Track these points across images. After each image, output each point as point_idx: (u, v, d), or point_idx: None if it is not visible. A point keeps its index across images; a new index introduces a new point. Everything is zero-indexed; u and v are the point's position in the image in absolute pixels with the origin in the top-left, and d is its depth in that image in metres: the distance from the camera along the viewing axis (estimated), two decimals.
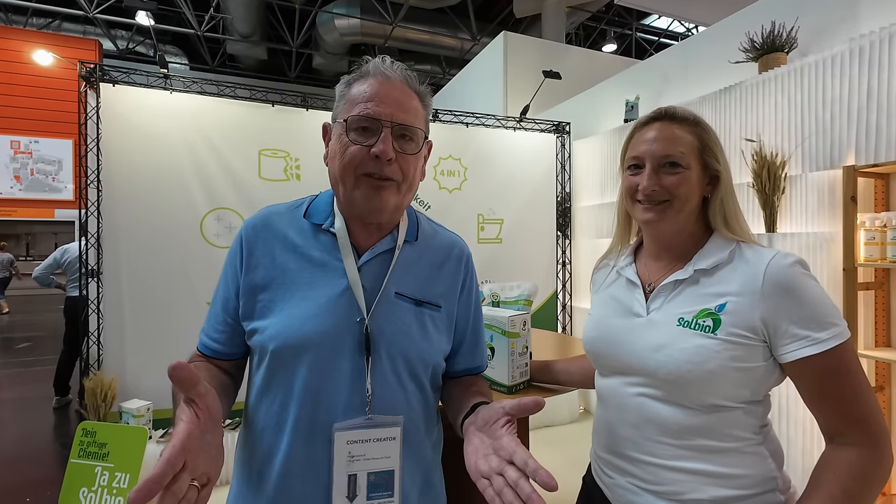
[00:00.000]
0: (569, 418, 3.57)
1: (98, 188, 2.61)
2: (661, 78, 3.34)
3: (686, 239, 0.84)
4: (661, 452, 0.77)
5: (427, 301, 0.81)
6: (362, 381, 0.73)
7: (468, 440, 0.67)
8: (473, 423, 0.69)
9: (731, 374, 0.72)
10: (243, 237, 0.80)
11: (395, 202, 0.76)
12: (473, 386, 0.86)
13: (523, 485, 0.55)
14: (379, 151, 0.71)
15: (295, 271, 0.77)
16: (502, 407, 0.65)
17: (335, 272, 0.77)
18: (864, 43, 1.92)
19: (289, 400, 0.73)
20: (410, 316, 0.79)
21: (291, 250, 0.78)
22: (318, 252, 0.78)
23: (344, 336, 0.73)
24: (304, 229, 0.80)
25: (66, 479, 2.21)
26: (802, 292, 0.70)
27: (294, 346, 0.72)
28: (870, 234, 1.87)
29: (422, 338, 0.79)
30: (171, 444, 0.51)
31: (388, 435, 0.72)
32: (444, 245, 0.88)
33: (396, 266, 0.80)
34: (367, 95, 0.73)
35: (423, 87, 0.80)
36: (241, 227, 0.83)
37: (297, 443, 0.72)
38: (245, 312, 0.77)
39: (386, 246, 0.80)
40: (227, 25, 9.61)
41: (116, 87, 2.64)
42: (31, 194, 8.78)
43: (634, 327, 0.83)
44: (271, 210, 0.84)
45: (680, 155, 0.80)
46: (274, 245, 0.79)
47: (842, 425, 0.69)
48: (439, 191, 3.49)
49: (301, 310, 0.74)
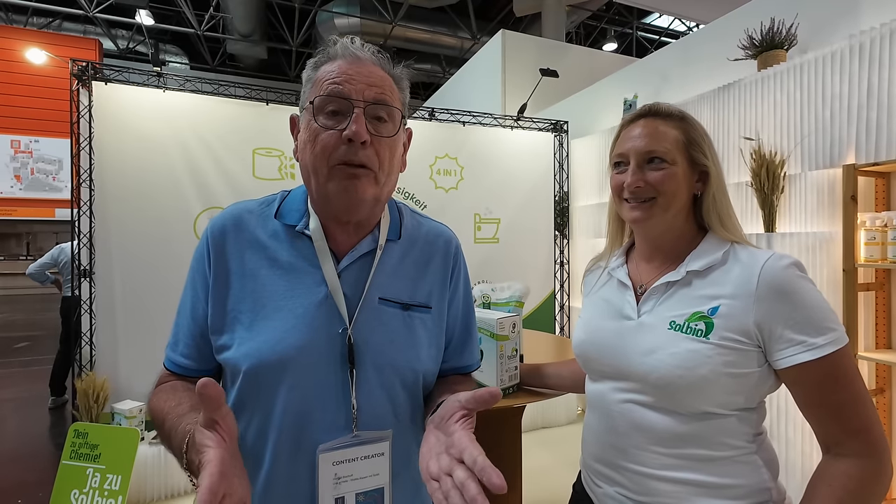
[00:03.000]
0: (566, 420, 3.54)
1: (91, 187, 2.59)
2: (659, 76, 3.31)
3: (677, 239, 0.81)
4: (650, 462, 0.74)
5: (415, 304, 0.75)
6: (347, 397, 0.67)
7: (424, 438, 0.61)
8: (432, 419, 0.63)
9: (724, 380, 0.69)
10: (209, 239, 0.72)
11: (374, 193, 0.68)
12: (457, 385, 0.79)
13: (470, 486, 0.49)
14: (351, 133, 0.64)
15: (267, 278, 0.70)
16: (458, 400, 0.59)
17: (312, 279, 0.70)
18: (864, 39, 1.89)
19: (267, 423, 0.67)
20: (397, 322, 0.73)
21: (263, 255, 0.71)
22: (293, 257, 0.71)
23: (325, 350, 0.68)
24: (277, 231, 0.73)
25: (57, 480, 2.19)
26: (798, 295, 0.67)
27: (271, 366, 0.66)
28: (870, 233, 1.84)
29: (410, 345, 0.73)
30: (209, 471, 0.47)
31: (376, 451, 0.68)
32: (430, 238, 0.81)
33: (379, 269, 0.74)
34: (334, 74, 0.66)
35: (399, 69, 0.73)
36: (206, 227, 0.74)
37: (279, 467, 0.67)
38: (213, 325, 0.70)
39: (367, 247, 0.73)
40: (227, 25, 9.60)
41: (109, 85, 2.62)
42: (31, 194, 8.79)
43: (625, 330, 0.81)
44: (241, 208, 0.75)
45: (664, 150, 0.77)
46: (244, 248, 0.72)
47: (840, 435, 0.66)
48: (435, 190, 3.46)
49: (276, 322, 0.67)
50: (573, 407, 3.61)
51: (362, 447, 0.67)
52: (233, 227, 0.73)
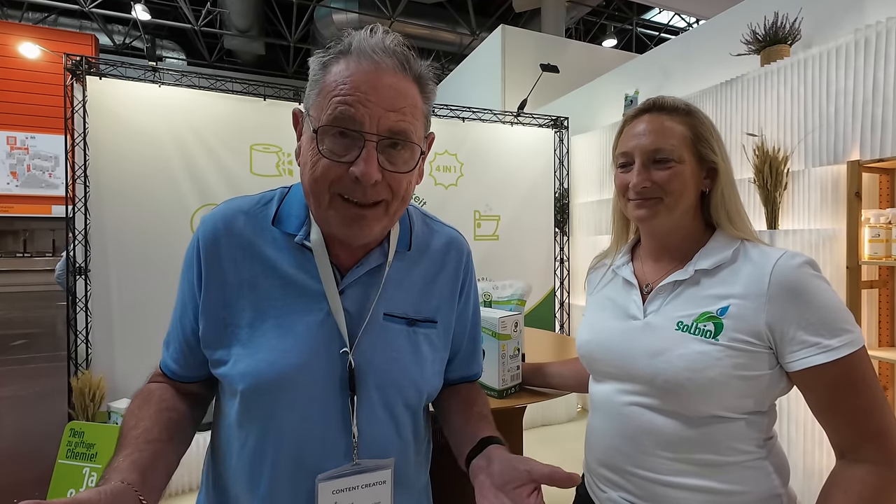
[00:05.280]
0: (566, 417, 3.53)
1: (85, 183, 2.56)
2: (661, 71, 3.28)
3: (685, 237, 0.79)
4: (656, 466, 0.72)
5: (421, 319, 0.70)
6: (348, 424, 0.63)
7: (481, 493, 0.59)
8: (487, 473, 0.61)
9: (734, 382, 0.67)
10: (200, 245, 0.65)
11: (384, 224, 0.63)
12: (474, 405, 0.76)
13: None
14: (359, 174, 0.56)
15: (266, 291, 0.64)
16: (528, 472, 0.56)
17: (313, 295, 0.64)
18: (869, 34, 1.86)
19: (265, 444, 0.63)
20: (402, 339, 0.68)
21: (260, 263, 0.65)
22: (293, 269, 0.65)
23: (325, 372, 0.63)
24: (276, 239, 0.66)
25: (53, 479, 2.17)
26: (812, 295, 0.65)
27: (268, 386, 0.62)
28: (874, 230, 1.82)
29: (415, 363, 0.68)
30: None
31: (377, 479, 0.64)
32: (441, 248, 0.75)
33: (386, 285, 0.68)
34: (346, 88, 0.55)
35: (424, 67, 0.62)
36: (197, 228, 0.67)
37: (277, 489, 0.63)
38: (207, 339, 0.65)
39: (373, 262, 0.67)
40: (224, 20, 9.52)
41: (104, 80, 2.58)
42: (27, 190, 8.71)
43: (630, 331, 0.78)
44: (234, 208, 0.68)
45: (671, 148, 0.74)
46: (239, 255, 0.65)
47: (855, 440, 0.64)
48: (435, 187, 3.43)
49: (275, 340, 0.62)
50: (573, 405, 3.59)
51: (363, 475, 0.64)
52: (225, 230, 0.66)
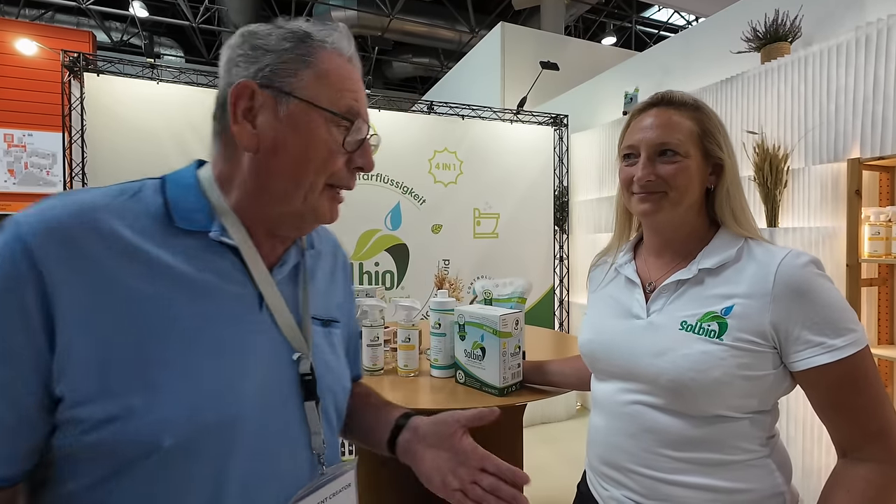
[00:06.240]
0: (565, 415, 3.53)
1: (83, 181, 2.55)
2: (660, 69, 3.28)
3: (688, 234, 0.78)
4: (660, 465, 0.72)
5: (331, 319, 0.68)
6: (307, 435, 0.58)
7: (419, 458, 0.63)
8: (418, 440, 0.64)
9: (738, 382, 0.66)
10: (39, 267, 0.44)
11: None
12: (370, 396, 0.78)
13: (502, 488, 0.57)
14: (364, 164, 0.60)
15: (177, 305, 0.50)
16: (457, 420, 0.63)
17: (241, 303, 0.55)
18: (870, 31, 1.86)
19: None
20: (323, 340, 0.65)
21: (150, 271, 0.49)
22: (209, 273, 0.53)
23: (278, 389, 0.56)
24: (172, 238, 0.52)
25: None
26: (816, 295, 0.65)
27: (210, 430, 0.49)
28: (874, 228, 1.82)
29: (338, 363, 0.67)
30: None
31: (343, 484, 0.62)
32: (330, 245, 0.75)
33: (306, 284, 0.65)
34: (355, 92, 0.58)
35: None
36: (4, 245, 0.44)
37: None
38: (83, 393, 0.45)
39: (293, 260, 0.63)
40: (222, 17, 9.49)
41: (101, 77, 2.57)
42: (25, 188, 8.67)
43: (634, 330, 0.78)
44: (85, 205, 0.49)
45: (677, 142, 0.74)
46: (122, 264, 0.48)
47: (858, 439, 0.64)
48: (434, 185, 3.42)
49: (208, 365, 0.50)
50: (573, 403, 3.60)
51: (330, 485, 0.60)
52: (86, 236, 0.47)
